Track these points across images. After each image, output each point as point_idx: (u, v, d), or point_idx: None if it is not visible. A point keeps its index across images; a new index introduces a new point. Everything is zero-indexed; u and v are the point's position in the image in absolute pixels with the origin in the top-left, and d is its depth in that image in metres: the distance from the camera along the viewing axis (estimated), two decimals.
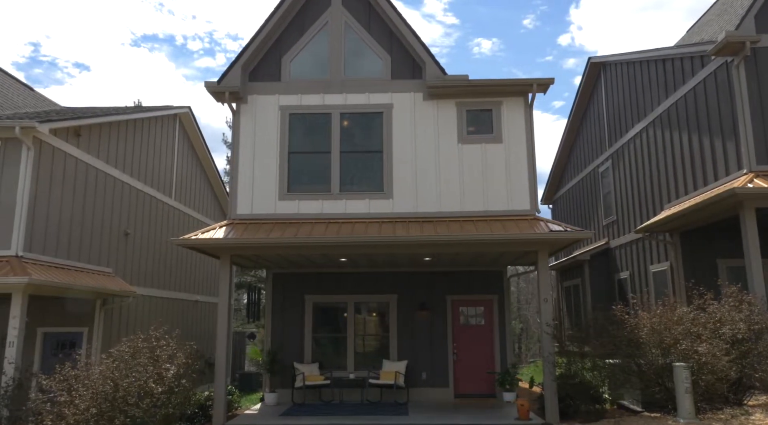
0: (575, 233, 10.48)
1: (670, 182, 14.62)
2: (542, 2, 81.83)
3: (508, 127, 11.44)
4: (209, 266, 22.81)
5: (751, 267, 10.68)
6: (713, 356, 8.43)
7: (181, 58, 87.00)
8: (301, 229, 10.74)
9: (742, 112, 11.31)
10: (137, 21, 77.29)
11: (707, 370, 8.56)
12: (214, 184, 23.47)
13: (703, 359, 8.48)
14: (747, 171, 11.15)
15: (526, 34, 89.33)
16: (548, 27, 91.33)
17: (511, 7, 78.46)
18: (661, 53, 14.98)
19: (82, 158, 13.69)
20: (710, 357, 8.42)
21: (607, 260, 19.01)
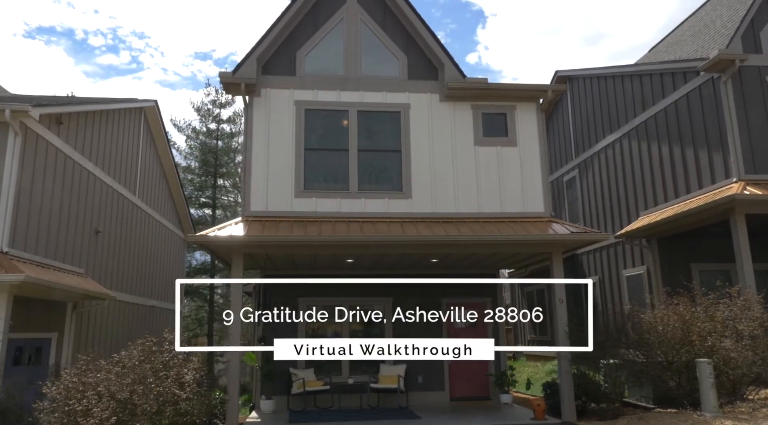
0: (592, 235, 10.88)
1: (647, 190, 15.48)
2: (452, 21, 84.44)
3: (522, 131, 11.70)
4: (167, 271, 21.63)
5: (743, 268, 11.49)
6: (739, 351, 8.95)
7: (81, 54, 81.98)
8: (323, 228, 10.42)
9: (731, 125, 12.18)
10: (32, 11, 72.07)
11: (733, 365, 9.07)
12: (173, 186, 22.32)
13: (732, 354, 8.97)
14: (737, 179, 12.00)
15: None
16: (457, 45, 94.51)
17: (427, 20, 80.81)
18: (637, 69, 15.90)
19: (62, 148, 12.60)
20: (737, 353, 8.93)
21: (573, 266, 19.77)
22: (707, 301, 10.38)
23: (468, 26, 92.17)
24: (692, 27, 16.17)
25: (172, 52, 66.09)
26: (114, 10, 69.15)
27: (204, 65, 64.15)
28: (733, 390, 9.42)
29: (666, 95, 14.56)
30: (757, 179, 11.96)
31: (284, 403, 12.81)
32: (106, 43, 70.44)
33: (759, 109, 12.37)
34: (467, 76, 11.39)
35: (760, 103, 12.40)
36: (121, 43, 71.21)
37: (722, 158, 12.55)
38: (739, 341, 9.30)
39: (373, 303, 13.92)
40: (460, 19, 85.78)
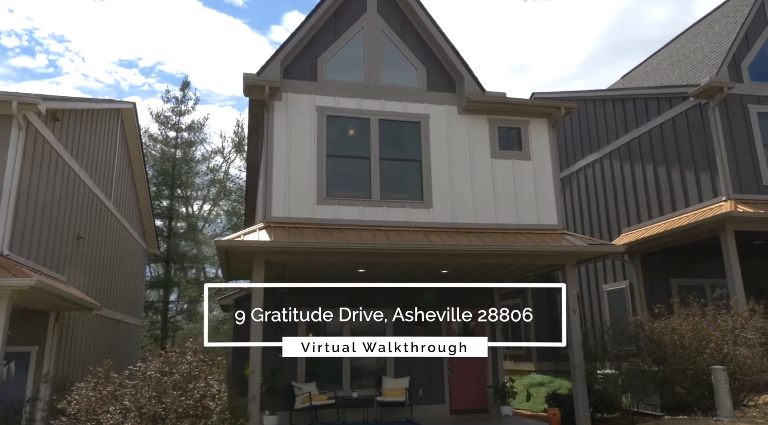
0: (607, 247, 11.27)
1: (630, 208, 16.25)
2: None
3: (535, 145, 12.04)
4: (130, 284, 20.53)
5: (733, 280, 12.24)
6: (756, 358, 9.47)
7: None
8: (348, 235, 10.27)
9: (720, 148, 13.04)
10: None
11: (747, 371, 9.58)
12: (141, 194, 21.32)
13: (749, 361, 9.48)
14: (726, 198, 12.82)
15: None
16: None
17: None
18: (620, 93, 16.77)
19: (56, 147, 11.81)
20: (755, 360, 9.44)
21: (549, 281, 20.34)
22: (713, 312, 10.94)
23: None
24: (668, 57, 17.26)
25: (93, 57, 62.69)
26: (31, 11, 65.09)
27: (129, 73, 61.34)
28: (738, 396, 9.93)
29: (650, 118, 15.41)
30: (743, 198, 12.81)
31: (287, 419, 12.38)
32: (20, 44, 66.02)
33: (742, 133, 13.32)
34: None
35: (743, 129, 13.35)
36: (37, 45, 66.94)
37: (710, 178, 13.38)
38: (751, 348, 9.84)
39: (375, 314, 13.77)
40: None
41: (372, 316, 12.92)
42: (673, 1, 70.86)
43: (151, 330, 29.95)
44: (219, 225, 33.99)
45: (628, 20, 72.09)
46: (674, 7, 71.45)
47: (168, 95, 32.99)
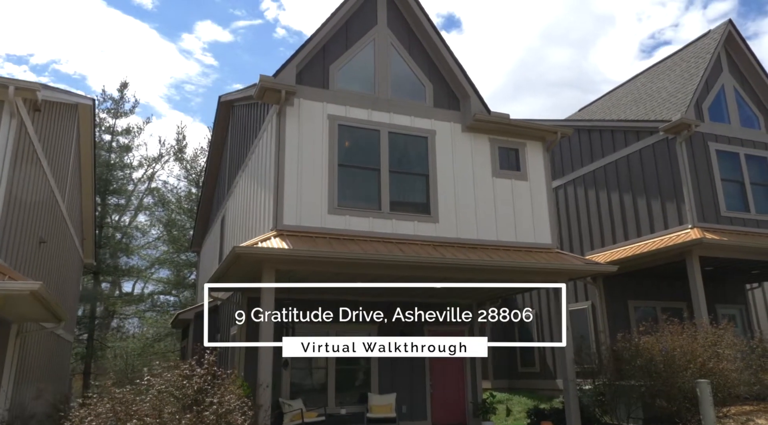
0: (602, 266, 11.81)
1: (594, 233, 17.16)
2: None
3: (531, 167, 12.49)
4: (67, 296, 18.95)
5: (698, 301, 13.19)
6: (739, 371, 10.23)
7: None
8: (362, 246, 10.13)
9: (687, 180, 14.12)
10: None
11: (730, 384, 10.32)
12: (86, 200, 19.87)
13: (733, 375, 10.21)
14: (692, 226, 13.87)
15: None
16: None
17: (275, 60, 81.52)
18: (589, 124, 17.78)
19: (33, 139, 10.82)
20: (738, 373, 10.19)
21: (505, 305, 20.95)
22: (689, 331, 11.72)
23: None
24: (629, 94, 18.57)
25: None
26: None
27: (17, 70, 57.08)
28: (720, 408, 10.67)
29: (617, 149, 16.45)
30: (706, 226, 13.92)
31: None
32: None
33: (704, 168, 14.53)
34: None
35: (704, 163, 14.57)
36: None
37: (676, 207, 14.43)
38: (732, 363, 10.63)
39: (359, 329, 13.57)
40: None
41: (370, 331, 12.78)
42: (572, 46, 76.44)
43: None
44: (153, 236, 32.22)
45: (533, 60, 76.93)
46: (574, 51, 77.06)
47: (104, 96, 31.21)
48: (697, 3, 73.32)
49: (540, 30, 75.25)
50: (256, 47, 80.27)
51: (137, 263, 30.70)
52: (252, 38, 79.41)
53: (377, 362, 13.49)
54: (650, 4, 72.63)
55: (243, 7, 74.37)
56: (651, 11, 73.66)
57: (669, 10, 73.74)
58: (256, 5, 75.43)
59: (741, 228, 14.38)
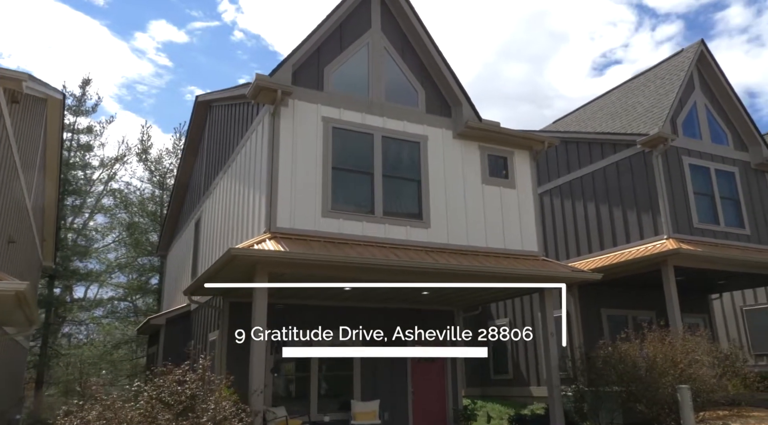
0: (587, 274, 12.02)
1: (570, 242, 17.49)
2: (258, 66, 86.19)
3: (519, 175, 12.64)
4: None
5: (673, 309, 13.59)
6: (717, 377, 10.56)
7: None
8: (358, 251, 10.01)
9: (662, 192, 14.58)
10: None
11: (709, 389, 10.63)
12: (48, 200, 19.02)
13: (712, 380, 10.53)
14: (667, 236, 14.30)
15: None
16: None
17: (232, 64, 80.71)
18: (565, 136, 18.16)
19: (10, 133, 10.27)
20: (717, 379, 10.52)
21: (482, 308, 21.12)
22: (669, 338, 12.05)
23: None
24: (604, 108, 19.09)
25: None
26: None
27: None
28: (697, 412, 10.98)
29: (594, 161, 16.86)
30: (681, 237, 14.38)
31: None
32: None
33: (678, 181, 15.03)
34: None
35: (679, 177, 15.09)
36: None
37: (652, 218, 14.86)
38: (710, 369, 10.96)
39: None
40: (267, 68, 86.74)
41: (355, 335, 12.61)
42: (528, 62, 78.54)
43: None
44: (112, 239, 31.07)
45: (490, 74, 78.63)
46: (529, 67, 79.20)
47: (64, 91, 30.00)
48: (646, 25, 76.46)
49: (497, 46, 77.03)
50: (213, 49, 78.91)
51: (95, 267, 29.57)
52: (209, 40, 77.99)
53: (359, 369, 13.33)
54: (602, 24, 75.31)
55: (200, 8, 73.00)
56: (603, 31, 76.36)
57: (620, 30, 76.61)
58: (213, 7, 74.23)
59: (711, 240, 14.93)
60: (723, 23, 70.54)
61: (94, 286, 31.05)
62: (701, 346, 11.73)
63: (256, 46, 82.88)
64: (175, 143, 31.94)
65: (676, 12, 74.33)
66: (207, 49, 77.66)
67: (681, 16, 74.85)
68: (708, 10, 72.12)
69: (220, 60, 79.33)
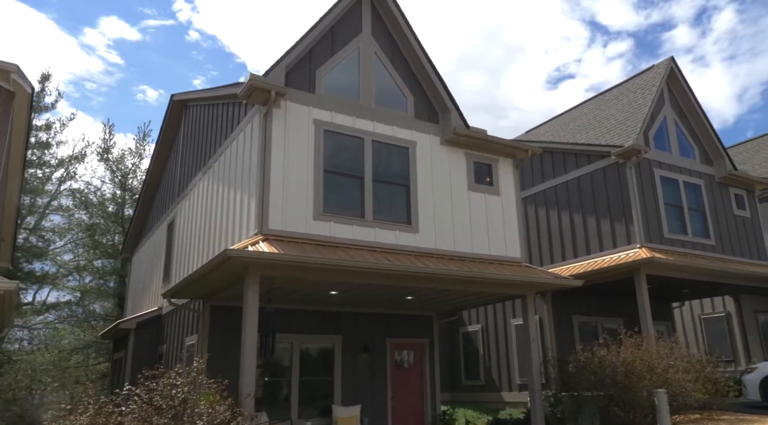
0: (569, 280, 12.29)
1: (544, 250, 17.85)
2: (213, 67, 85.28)
3: (503, 183, 12.85)
4: None
5: (645, 315, 14.02)
6: (693, 381, 10.94)
7: None
8: (350, 254, 9.96)
9: (635, 203, 15.07)
10: None
11: (686, 394, 11.01)
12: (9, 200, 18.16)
13: (689, 385, 10.91)
14: (640, 245, 14.78)
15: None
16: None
17: (187, 64, 79.62)
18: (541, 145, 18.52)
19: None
20: (693, 383, 10.90)
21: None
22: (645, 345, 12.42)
23: (231, 75, 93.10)
24: (576, 120, 19.62)
25: None
26: None
27: None
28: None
29: (568, 170, 17.29)
30: (652, 247, 14.88)
31: None
32: None
33: (650, 192, 15.58)
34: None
35: (650, 188, 15.64)
36: None
37: (625, 228, 15.33)
38: (686, 374, 11.36)
39: (322, 340, 13.30)
40: (224, 70, 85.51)
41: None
42: (485, 73, 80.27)
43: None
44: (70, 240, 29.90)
45: (449, 83, 79.80)
46: (486, 78, 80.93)
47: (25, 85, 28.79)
48: (598, 41, 79.21)
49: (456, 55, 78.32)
50: (167, 49, 77.20)
51: (51, 269, 28.39)
52: (163, 39, 76.25)
53: (340, 374, 13.23)
54: (557, 38, 77.57)
55: (154, 5, 71.36)
56: (557, 45, 78.67)
57: (573, 45, 79.10)
58: (168, 5, 72.71)
59: (680, 250, 15.51)
60: (670, 43, 73.72)
61: (45, 289, 29.82)
62: (675, 352, 12.15)
63: (212, 47, 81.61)
64: (138, 143, 31.12)
65: (627, 30, 77.25)
66: (161, 48, 75.96)
67: (631, 34, 77.82)
68: (656, 29, 75.23)
69: (175, 60, 77.73)
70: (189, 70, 79.92)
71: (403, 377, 14.29)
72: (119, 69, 67.39)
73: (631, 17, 74.67)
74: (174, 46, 77.54)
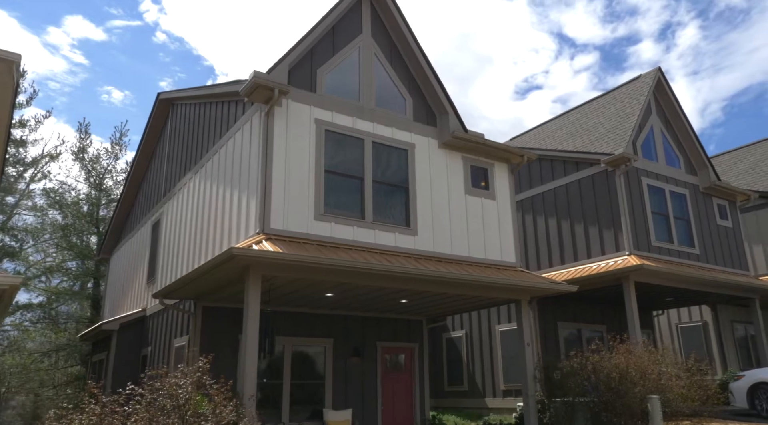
0: (563, 286, 12.35)
1: (530, 257, 17.95)
2: (181, 70, 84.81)
3: (498, 187, 12.89)
4: None
5: (633, 321, 14.20)
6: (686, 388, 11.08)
7: None
8: (351, 255, 9.83)
9: (624, 211, 15.28)
10: None
11: (680, 400, 11.13)
12: None
13: (683, 390, 11.03)
14: (629, 253, 14.97)
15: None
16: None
17: (154, 65, 78.73)
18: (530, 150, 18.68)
19: None
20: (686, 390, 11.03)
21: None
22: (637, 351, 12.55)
23: (199, 77, 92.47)
24: (563, 127, 19.85)
25: None
26: None
27: None
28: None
29: (557, 178, 17.46)
30: (641, 254, 15.10)
31: None
32: None
33: (638, 200, 15.82)
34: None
35: (638, 196, 15.88)
36: None
37: (613, 235, 15.52)
38: (680, 380, 11.49)
39: (314, 343, 13.11)
40: (191, 72, 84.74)
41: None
42: (455, 82, 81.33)
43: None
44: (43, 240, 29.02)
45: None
46: (456, 86, 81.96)
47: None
48: (566, 54, 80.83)
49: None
50: (134, 49, 76.04)
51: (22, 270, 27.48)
52: (129, 40, 75.10)
53: (331, 378, 13.06)
54: (525, 50, 78.92)
55: (120, 5, 70.23)
56: (525, 56, 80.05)
57: (541, 57, 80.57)
58: (134, 6, 71.68)
59: (666, 258, 15.77)
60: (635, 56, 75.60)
61: (25, 291, 28.84)
62: (666, 358, 12.30)
63: (179, 49, 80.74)
64: (115, 144, 30.41)
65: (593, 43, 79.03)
66: (127, 49, 74.77)
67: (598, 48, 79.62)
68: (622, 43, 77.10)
69: (141, 61, 76.58)
70: (156, 71, 78.78)
71: (393, 381, 14.16)
72: (84, 69, 65.98)
73: (598, 31, 76.43)
74: (141, 47, 76.42)
